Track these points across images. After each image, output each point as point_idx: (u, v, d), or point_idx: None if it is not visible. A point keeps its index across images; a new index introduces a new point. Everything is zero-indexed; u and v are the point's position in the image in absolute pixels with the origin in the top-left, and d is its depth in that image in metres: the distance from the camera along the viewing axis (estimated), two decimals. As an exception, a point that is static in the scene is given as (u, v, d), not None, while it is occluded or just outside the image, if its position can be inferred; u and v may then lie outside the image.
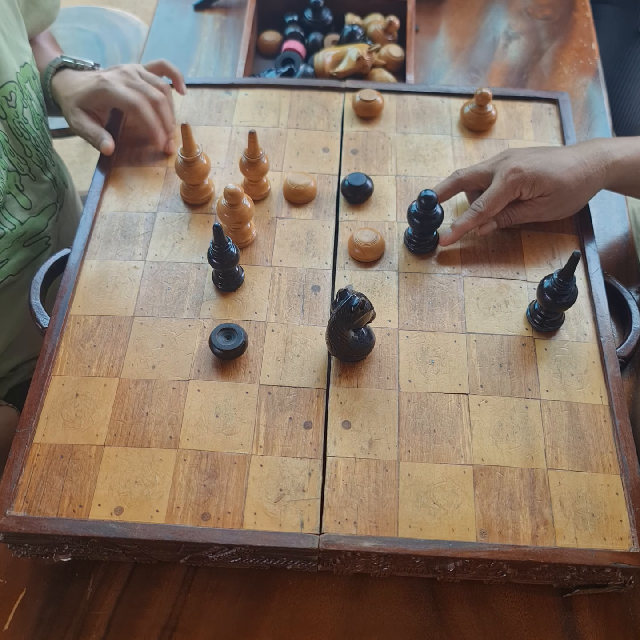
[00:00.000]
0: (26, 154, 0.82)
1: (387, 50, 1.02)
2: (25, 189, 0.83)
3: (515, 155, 0.73)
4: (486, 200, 0.72)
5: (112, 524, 0.59)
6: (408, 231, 0.76)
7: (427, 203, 0.71)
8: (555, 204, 0.72)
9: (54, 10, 0.92)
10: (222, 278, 0.72)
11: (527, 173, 0.70)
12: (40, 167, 0.85)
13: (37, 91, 0.84)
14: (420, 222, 0.73)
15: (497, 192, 0.71)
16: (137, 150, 0.85)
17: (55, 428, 0.64)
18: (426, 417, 0.65)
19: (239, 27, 1.12)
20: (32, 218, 0.84)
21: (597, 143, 0.74)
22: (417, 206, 0.72)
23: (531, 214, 0.74)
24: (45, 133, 0.87)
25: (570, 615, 0.63)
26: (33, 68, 0.83)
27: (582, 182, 0.71)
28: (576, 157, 0.71)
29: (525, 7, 1.16)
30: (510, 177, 0.70)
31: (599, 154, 0.72)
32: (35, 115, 0.84)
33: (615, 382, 0.67)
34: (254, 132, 0.74)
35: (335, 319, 0.62)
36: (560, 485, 0.62)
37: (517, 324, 0.71)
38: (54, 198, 0.89)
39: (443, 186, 0.76)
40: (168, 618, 0.63)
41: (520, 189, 0.71)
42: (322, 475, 0.62)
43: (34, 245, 0.86)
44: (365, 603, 0.64)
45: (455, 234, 0.73)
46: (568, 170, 0.70)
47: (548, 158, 0.71)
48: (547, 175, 0.70)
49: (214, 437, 0.64)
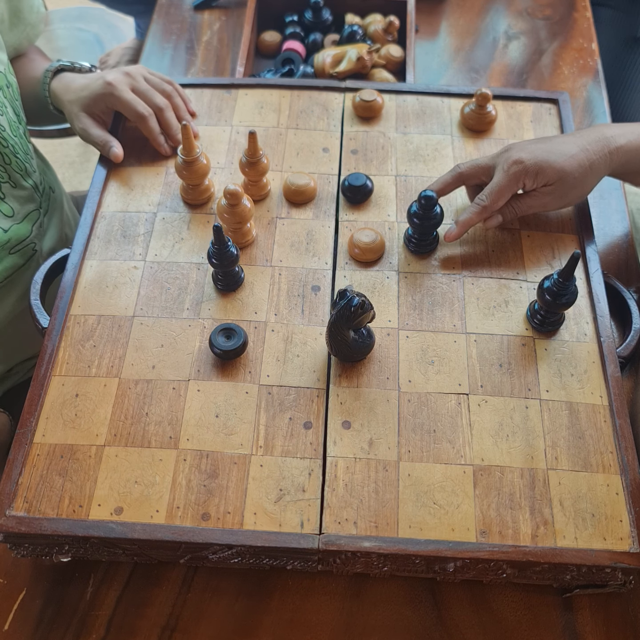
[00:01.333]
0: (5, 162, 0.81)
1: (387, 50, 1.02)
2: (6, 196, 0.82)
3: (516, 147, 0.72)
4: (489, 194, 0.71)
5: (112, 524, 0.59)
6: (408, 231, 0.76)
7: (427, 203, 0.71)
8: (560, 193, 0.72)
9: (39, 24, 0.92)
10: (222, 278, 0.72)
11: (529, 164, 0.69)
12: (20, 174, 0.84)
13: (11, 100, 0.83)
14: (420, 222, 0.73)
15: (500, 185, 0.70)
16: (137, 150, 0.85)
17: (55, 428, 0.64)
18: (426, 417, 0.65)
19: (239, 27, 1.12)
20: (16, 225, 0.84)
21: (599, 129, 0.73)
22: (417, 206, 0.72)
23: (536, 204, 0.73)
24: (24, 140, 0.86)
25: (570, 615, 0.63)
26: (7, 77, 0.82)
27: (585, 169, 0.70)
28: (578, 144, 0.71)
29: (525, 7, 1.16)
30: (513, 169, 0.70)
31: (601, 140, 0.71)
32: (12, 123, 0.83)
33: (615, 382, 0.67)
34: (254, 132, 0.74)
35: (335, 319, 0.62)
36: (560, 485, 0.62)
37: (517, 324, 0.71)
38: (36, 204, 0.88)
39: (444, 180, 0.75)
40: (168, 618, 0.63)
41: (524, 180, 0.70)
42: (322, 475, 0.62)
43: (21, 252, 0.85)
44: (365, 603, 0.64)
45: (460, 229, 0.73)
46: (570, 157, 0.69)
47: (549, 147, 0.71)
48: (549, 164, 0.69)
49: (214, 437, 0.64)
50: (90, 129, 0.83)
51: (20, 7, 0.87)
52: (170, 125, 0.83)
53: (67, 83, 0.86)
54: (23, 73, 0.90)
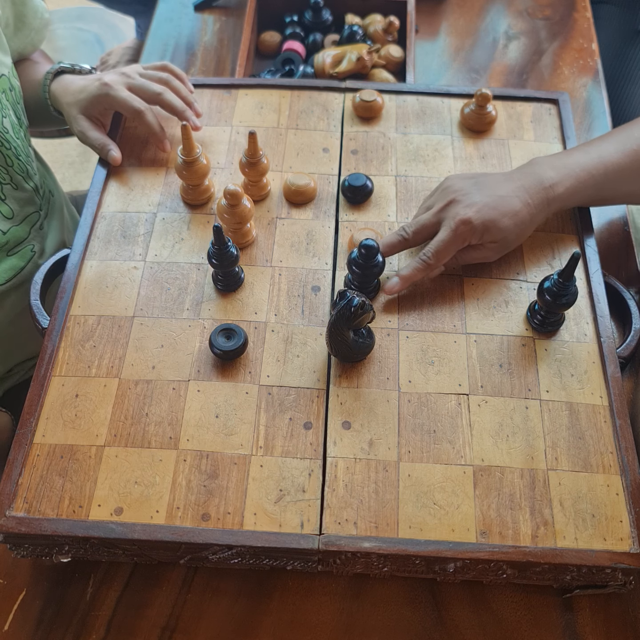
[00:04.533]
0: (7, 164, 0.81)
1: (387, 51, 1.02)
2: (7, 198, 0.82)
3: (459, 196, 0.71)
4: (435, 253, 0.70)
5: (112, 525, 0.59)
6: (348, 277, 0.73)
7: (367, 253, 0.67)
8: (503, 247, 0.72)
9: (43, 29, 0.92)
10: (222, 278, 0.72)
11: (476, 224, 0.69)
12: (22, 176, 0.84)
13: (14, 103, 0.83)
14: (360, 272, 0.69)
15: (445, 243, 0.70)
16: (137, 150, 0.85)
17: (55, 428, 0.64)
18: (426, 417, 0.65)
19: (239, 27, 1.12)
20: (15, 227, 0.84)
21: (536, 172, 0.72)
22: (357, 254, 0.69)
23: (479, 257, 0.73)
24: (25, 143, 0.87)
25: (571, 616, 0.63)
26: (11, 80, 0.82)
27: (527, 224, 0.71)
28: (521, 199, 0.70)
29: (525, 7, 1.16)
30: (461, 229, 0.69)
31: (540, 191, 0.71)
32: (15, 125, 0.83)
33: (615, 382, 0.67)
34: (254, 133, 0.74)
35: (335, 319, 0.62)
36: (560, 485, 0.62)
37: (517, 325, 0.71)
38: (36, 206, 0.88)
39: (389, 242, 0.73)
40: (168, 619, 0.63)
41: (470, 239, 0.70)
42: (322, 475, 0.62)
43: (20, 254, 0.85)
44: (365, 603, 0.64)
45: (402, 285, 0.71)
46: (515, 215, 0.70)
47: (495, 203, 0.70)
48: (495, 224, 0.69)
49: (214, 438, 0.64)
50: (88, 132, 0.83)
51: (25, 12, 0.87)
52: (174, 106, 0.82)
53: (66, 85, 0.86)
54: (25, 75, 0.90)
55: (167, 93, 0.82)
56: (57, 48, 1.69)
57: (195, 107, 0.85)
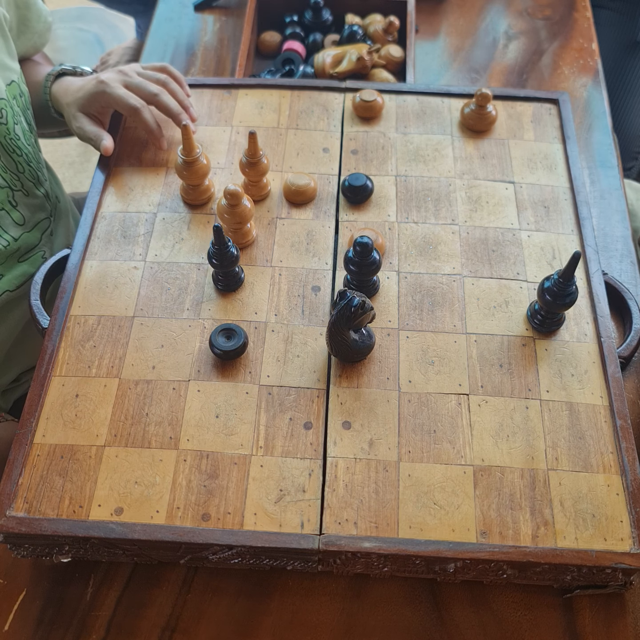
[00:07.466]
0: (18, 170, 0.81)
1: (387, 51, 1.02)
2: (18, 204, 0.83)
3: None
4: None
5: (112, 525, 0.59)
6: (347, 277, 0.72)
7: (362, 250, 0.67)
8: None
9: (45, 33, 0.93)
10: (222, 278, 0.72)
11: None
12: (33, 182, 0.84)
13: (24, 109, 0.83)
14: (357, 270, 0.69)
15: None
16: (137, 150, 0.85)
17: (56, 428, 0.64)
18: (426, 417, 0.65)
19: (239, 27, 1.12)
20: (26, 233, 0.84)
21: None
22: (352, 252, 0.68)
23: None
24: (35, 149, 0.87)
25: (571, 616, 0.63)
26: (20, 86, 0.82)
27: None
28: None
29: (525, 7, 1.16)
30: None
31: None
32: (26, 132, 0.83)
33: (615, 382, 0.67)
34: (254, 133, 0.74)
35: (336, 319, 0.62)
36: (560, 485, 0.62)
37: (517, 324, 0.71)
38: (47, 212, 0.88)
39: None
40: (168, 619, 0.63)
41: None
42: (322, 475, 0.62)
43: (31, 260, 0.85)
44: (365, 603, 0.64)
45: None
46: None
47: None
48: None
49: (214, 438, 0.64)
50: (84, 126, 0.82)
51: (28, 16, 0.87)
52: (169, 108, 0.82)
53: (66, 86, 0.86)
54: (26, 77, 0.90)
55: (163, 94, 0.82)
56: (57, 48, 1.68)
57: (190, 111, 0.85)
